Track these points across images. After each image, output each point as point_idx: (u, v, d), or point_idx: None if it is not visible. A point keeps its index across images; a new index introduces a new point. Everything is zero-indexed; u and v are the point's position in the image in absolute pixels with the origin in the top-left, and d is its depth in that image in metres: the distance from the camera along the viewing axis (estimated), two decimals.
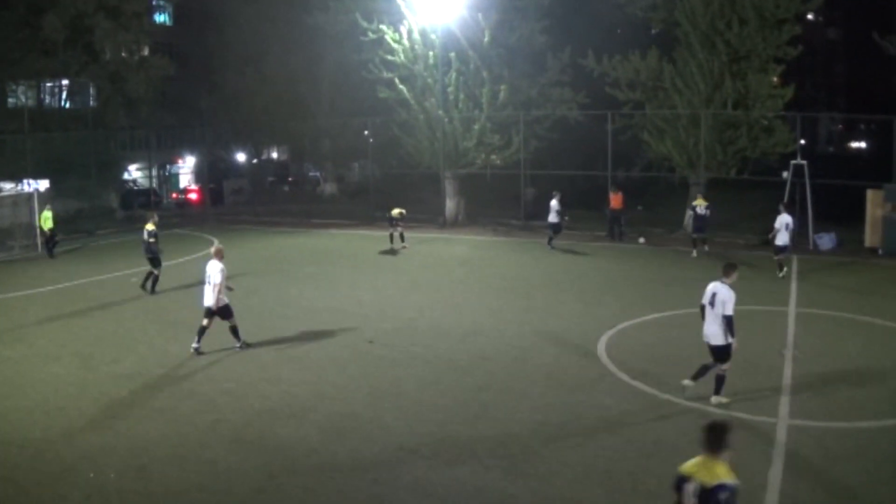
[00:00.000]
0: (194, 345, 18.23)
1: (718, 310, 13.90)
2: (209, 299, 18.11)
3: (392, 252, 32.82)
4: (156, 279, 25.40)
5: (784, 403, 14.37)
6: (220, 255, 18.36)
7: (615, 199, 35.41)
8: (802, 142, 38.83)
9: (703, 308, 14.32)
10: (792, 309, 21.99)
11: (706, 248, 31.38)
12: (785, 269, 26.82)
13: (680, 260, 30.38)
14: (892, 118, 34.81)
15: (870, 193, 31.93)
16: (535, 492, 11.27)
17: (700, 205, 31.50)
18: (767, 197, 35.30)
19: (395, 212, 33.39)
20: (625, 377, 16.10)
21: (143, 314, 22.42)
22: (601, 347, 18.31)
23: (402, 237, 33.70)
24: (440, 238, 37.57)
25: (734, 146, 36.02)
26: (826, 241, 32.73)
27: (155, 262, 25.37)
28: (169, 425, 13.87)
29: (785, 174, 34.09)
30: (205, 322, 18.30)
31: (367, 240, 36.35)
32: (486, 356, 17.82)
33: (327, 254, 33.03)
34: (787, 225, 26.64)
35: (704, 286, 14.44)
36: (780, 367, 16.52)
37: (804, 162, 33.54)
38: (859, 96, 55.69)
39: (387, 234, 33.98)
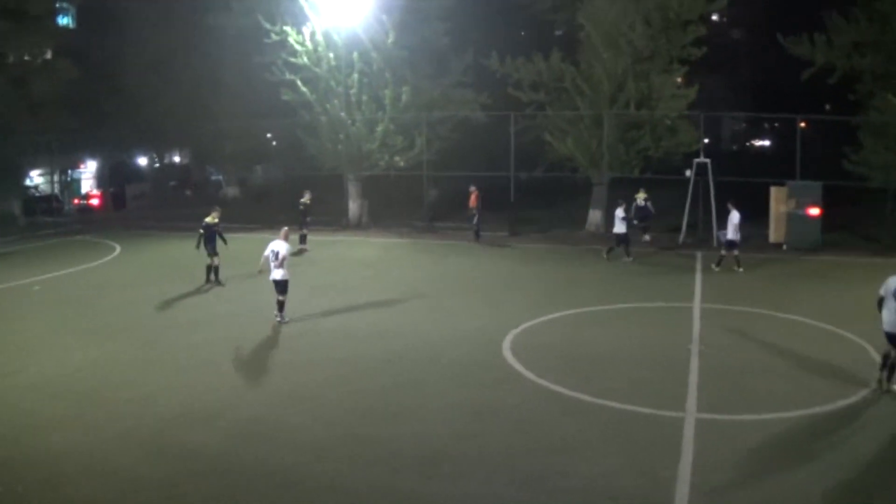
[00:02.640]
0: (278, 318, 20.78)
1: None
2: (278, 274, 20.55)
3: (297, 253, 32.43)
4: (214, 269, 27.08)
5: (691, 398, 14.48)
6: (286, 237, 21.21)
7: (472, 199, 35.48)
8: (706, 140, 39.47)
9: (881, 300, 14.50)
10: (697, 304, 22.32)
11: (647, 237, 34.16)
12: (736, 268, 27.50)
13: (583, 259, 30.58)
14: (795, 117, 35.62)
15: (773, 190, 32.70)
16: (446, 491, 11.18)
17: (639, 197, 33.85)
18: (671, 195, 35.78)
19: (306, 198, 33.72)
20: (531, 375, 16.07)
21: (44, 323, 21.58)
22: (506, 346, 18.28)
23: (303, 239, 33.42)
24: (344, 240, 37.21)
25: (637, 146, 36.39)
26: None
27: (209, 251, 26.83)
28: (76, 435, 13.38)
29: (688, 172, 34.63)
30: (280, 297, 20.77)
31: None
32: (394, 358, 17.64)
33: (231, 258, 32.36)
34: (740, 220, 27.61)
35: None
36: (687, 362, 16.68)
37: (707, 160, 34.15)
38: (764, 95, 56.67)
39: (296, 236, 33.50)
